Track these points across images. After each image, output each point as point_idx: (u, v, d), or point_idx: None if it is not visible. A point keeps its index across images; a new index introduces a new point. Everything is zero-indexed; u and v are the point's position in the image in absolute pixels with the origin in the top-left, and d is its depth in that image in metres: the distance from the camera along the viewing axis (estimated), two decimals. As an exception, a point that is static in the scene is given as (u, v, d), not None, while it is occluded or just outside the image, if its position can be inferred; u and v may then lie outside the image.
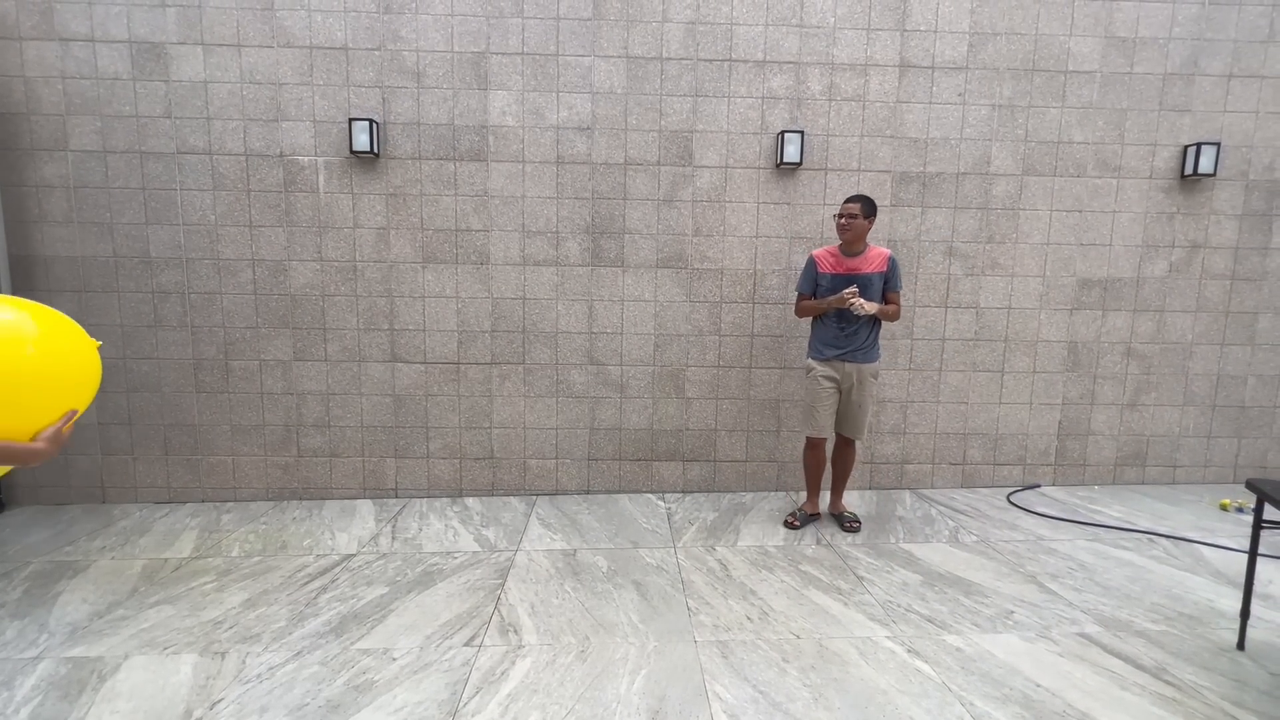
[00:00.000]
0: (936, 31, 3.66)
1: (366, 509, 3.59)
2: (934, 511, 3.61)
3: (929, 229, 3.80)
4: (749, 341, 3.82)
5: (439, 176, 3.60)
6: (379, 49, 3.50)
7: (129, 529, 3.33)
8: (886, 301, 3.22)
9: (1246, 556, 2.28)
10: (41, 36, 3.39)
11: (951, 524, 3.43)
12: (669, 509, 3.64)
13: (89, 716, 1.94)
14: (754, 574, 2.85)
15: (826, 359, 3.26)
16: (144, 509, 3.60)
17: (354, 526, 3.36)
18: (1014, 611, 2.54)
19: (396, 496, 3.75)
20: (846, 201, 3.16)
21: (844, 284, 3.16)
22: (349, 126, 3.47)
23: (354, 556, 3.01)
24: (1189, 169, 3.78)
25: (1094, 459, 4.04)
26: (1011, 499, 3.80)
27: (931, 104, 3.71)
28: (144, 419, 3.65)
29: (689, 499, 3.80)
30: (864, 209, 3.12)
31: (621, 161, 3.65)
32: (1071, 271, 3.89)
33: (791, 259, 3.76)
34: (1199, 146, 3.73)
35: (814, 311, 3.28)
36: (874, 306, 3.10)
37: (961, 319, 3.88)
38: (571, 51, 3.56)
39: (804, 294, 3.33)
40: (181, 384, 3.64)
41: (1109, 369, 3.98)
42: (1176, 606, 2.59)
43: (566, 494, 3.85)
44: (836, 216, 3.18)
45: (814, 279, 3.27)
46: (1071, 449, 4.03)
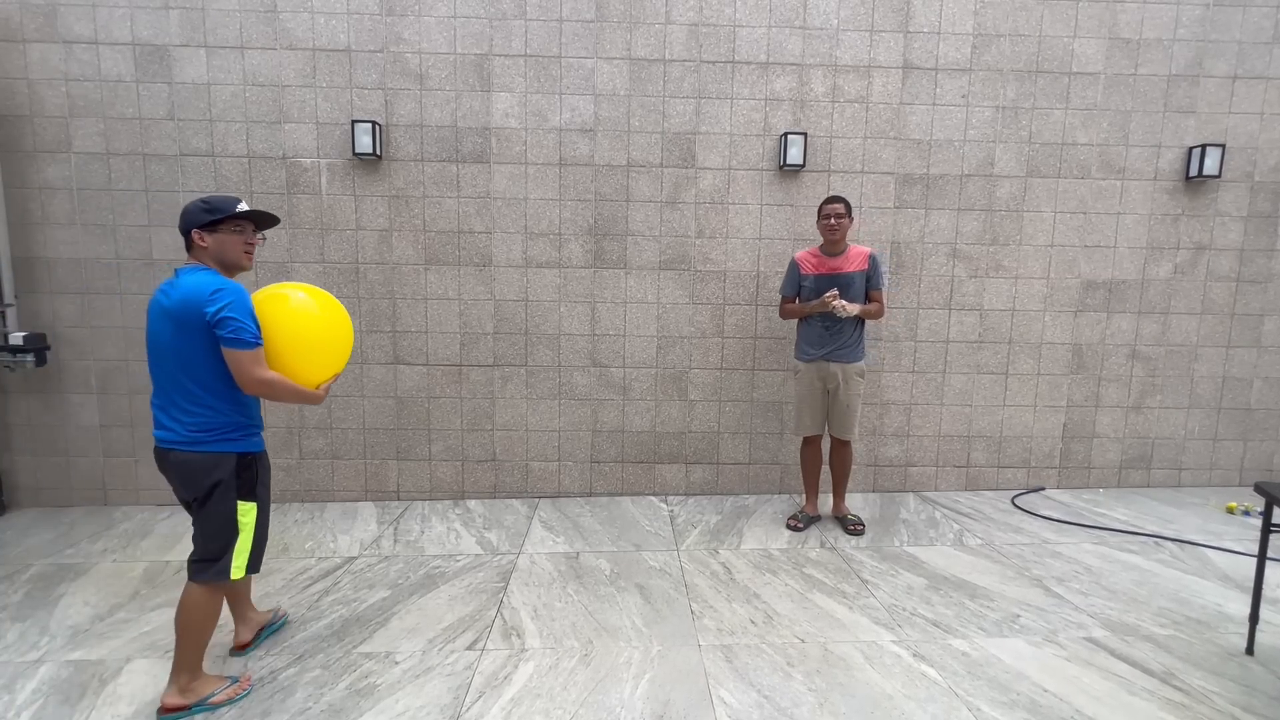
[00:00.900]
0: (940, 33, 3.65)
1: (368, 511, 3.58)
2: (938, 514, 3.59)
3: (932, 231, 3.79)
4: (752, 343, 3.81)
5: (441, 178, 3.60)
6: (382, 51, 3.50)
7: (131, 531, 3.32)
8: (869, 300, 3.22)
9: (1255, 560, 2.26)
10: (45, 39, 3.39)
11: (956, 527, 3.41)
12: (672, 512, 3.62)
13: (90, 720, 1.93)
14: (758, 577, 2.83)
15: (812, 359, 3.27)
16: (146, 511, 3.60)
17: (356, 529, 3.35)
18: (1020, 615, 2.52)
19: (398, 499, 3.74)
20: (829, 203, 3.16)
21: (827, 284, 3.17)
22: (352, 128, 3.47)
23: (356, 559, 3.00)
24: (1194, 170, 3.76)
25: (1099, 462, 4.02)
26: (1016, 502, 3.78)
27: (935, 106, 3.70)
28: (146, 421, 3.64)
29: (692, 501, 3.78)
30: (847, 209, 3.15)
31: (624, 163, 3.64)
32: (1076, 273, 3.87)
33: (795, 261, 3.76)
34: (1204, 148, 3.72)
35: (797, 314, 3.31)
36: (856, 308, 3.11)
37: (965, 321, 3.87)
38: (574, 53, 3.56)
39: (787, 297, 3.36)
40: (184, 386, 3.63)
41: (1114, 371, 3.96)
42: (1184, 610, 2.57)
43: (569, 496, 3.84)
44: (820, 219, 3.20)
45: (797, 281, 3.29)
46: (1076, 452, 4.01)
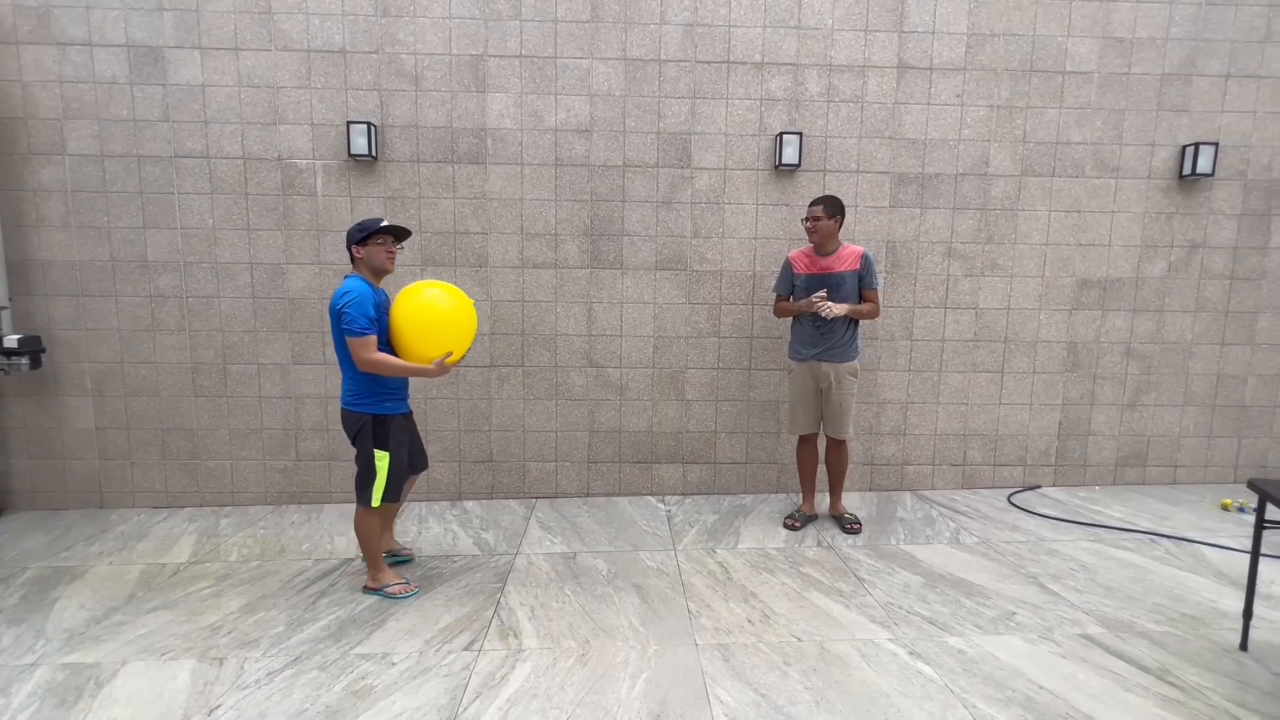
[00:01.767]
0: (934, 33, 3.66)
1: (365, 513, 3.58)
2: (935, 513, 3.60)
3: (928, 230, 3.80)
4: (748, 343, 3.81)
5: (437, 179, 3.60)
6: (377, 52, 3.50)
7: (127, 534, 3.32)
8: (863, 299, 3.22)
9: (1249, 557, 2.27)
10: (39, 41, 3.38)
11: (952, 525, 3.42)
12: (669, 511, 3.63)
13: (86, 723, 1.92)
14: (755, 576, 2.84)
15: (804, 359, 3.28)
16: (142, 514, 3.59)
17: (351, 531, 3.34)
18: (1016, 613, 2.53)
19: (396, 500, 3.73)
20: (810, 205, 3.18)
21: (818, 283, 3.18)
22: (347, 129, 3.46)
23: (353, 561, 3.00)
24: (1187, 169, 3.78)
25: (1094, 459, 4.04)
26: (1012, 500, 3.79)
27: (930, 105, 3.71)
28: (142, 423, 3.64)
29: (689, 501, 3.79)
30: (827, 210, 3.14)
31: (620, 163, 3.65)
32: (1071, 272, 3.89)
33: (790, 260, 3.77)
34: (1197, 146, 3.73)
35: (789, 313, 3.33)
36: (843, 309, 3.11)
37: (961, 320, 3.88)
38: (569, 54, 3.56)
39: (781, 295, 3.39)
40: (179, 388, 3.63)
41: (1109, 369, 3.98)
42: (1179, 607, 2.58)
43: (566, 497, 3.84)
44: (803, 220, 3.21)
45: (790, 280, 3.31)
46: (1072, 450, 4.02)
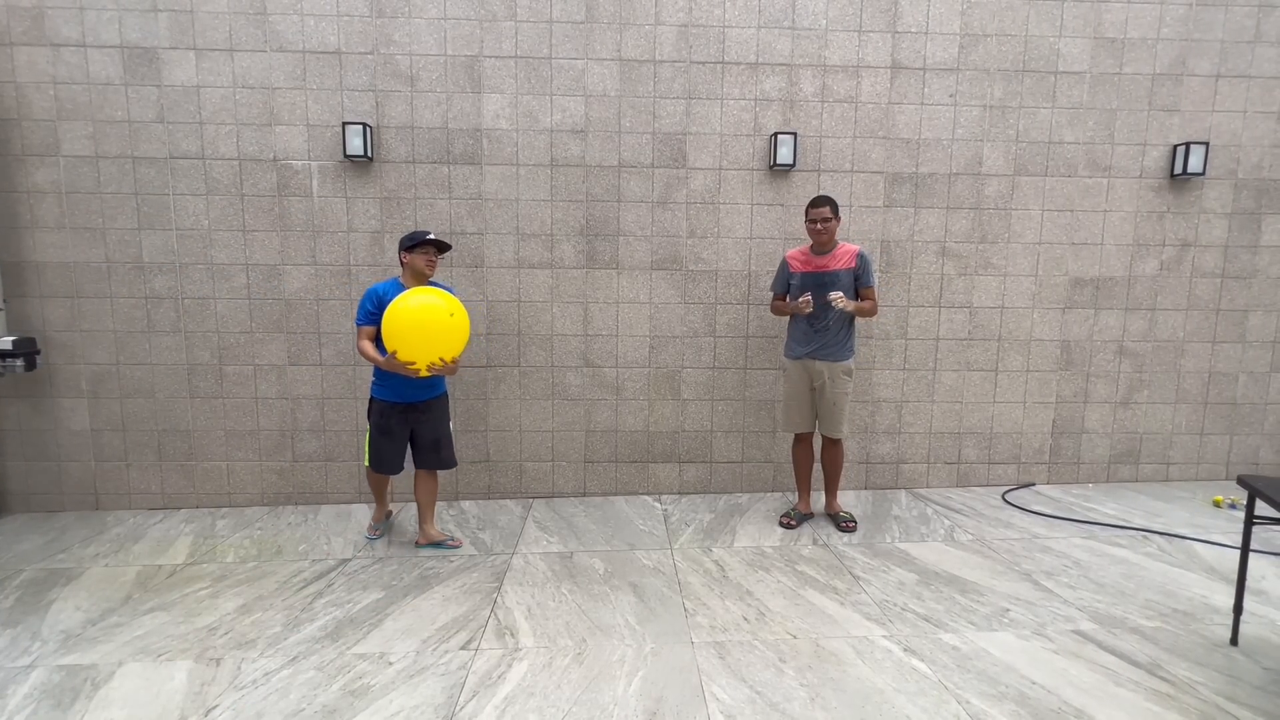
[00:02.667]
0: (927, 33, 3.68)
1: (362, 513, 3.58)
2: (929, 510, 3.62)
3: (922, 229, 3.82)
4: (744, 342, 3.83)
5: (433, 180, 3.60)
6: (372, 53, 3.50)
7: (123, 535, 3.31)
8: (861, 298, 3.27)
9: (1239, 553, 2.29)
10: (33, 42, 3.37)
11: (947, 523, 3.44)
12: (665, 510, 3.64)
13: (83, 724, 1.92)
14: (750, 575, 2.85)
15: (798, 357, 3.31)
16: (138, 515, 3.58)
17: (349, 531, 3.35)
18: (1010, 609, 2.55)
19: (392, 500, 3.73)
20: (815, 206, 3.20)
21: (814, 281, 3.21)
22: (342, 130, 3.46)
23: (349, 561, 3.00)
24: (1178, 168, 3.81)
25: (1088, 457, 4.06)
26: (1006, 497, 3.81)
27: (923, 105, 3.73)
28: (137, 425, 3.63)
29: (685, 500, 3.80)
30: (833, 210, 3.18)
31: (615, 164, 3.66)
32: (1063, 270, 3.91)
33: (786, 260, 3.78)
34: (1188, 146, 3.76)
35: (784, 312, 3.37)
36: (853, 304, 3.17)
37: (955, 319, 3.90)
38: (564, 54, 3.57)
39: (778, 294, 3.42)
40: (175, 389, 3.62)
41: (1102, 367, 4.00)
42: (1170, 603, 2.60)
43: (563, 496, 3.85)
44: (808, 222, 3.23)
45: (786, 279, 3.34)
46: (1065, 447, 4.05)
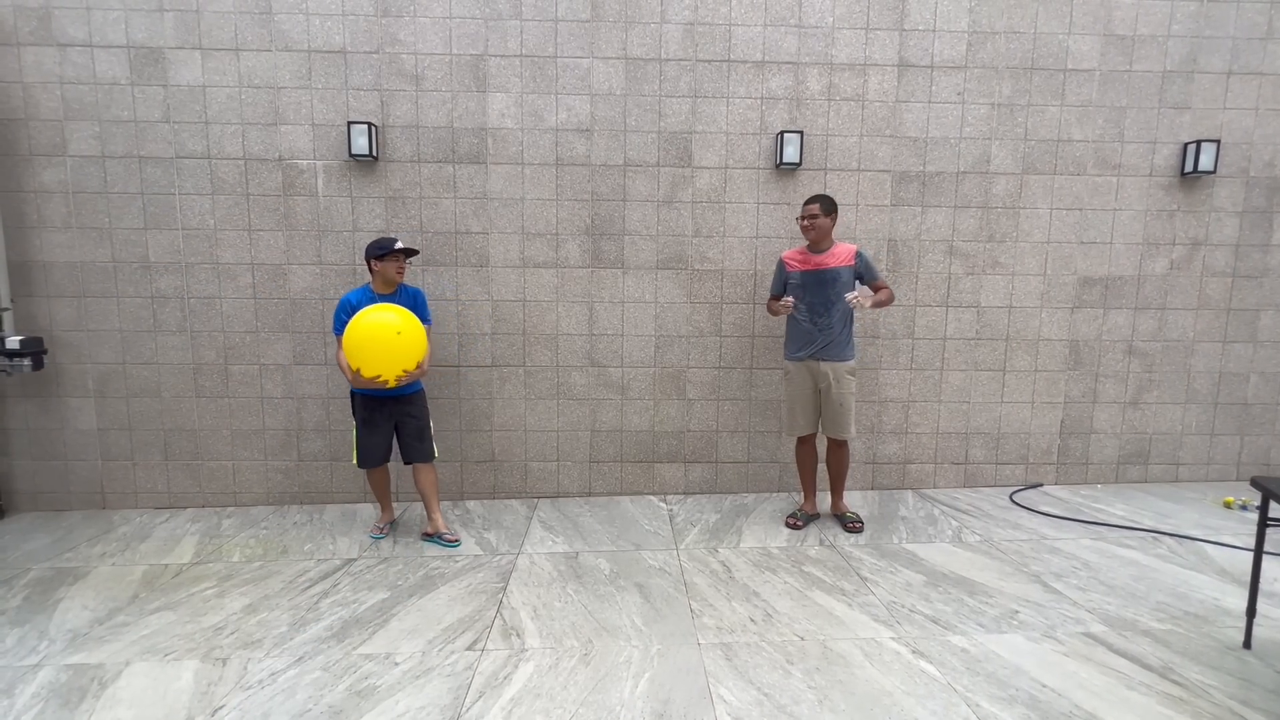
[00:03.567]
0: (935, 31, 3.65)
1: (368, 513, 3.58)
2: (937, 511, 3.60)
3: (929, 228, 3.79)
4: (750, 342, 3.81)
5: (438, 179, 3.60)
6: (377, 52, 3.50)
7: (129, 535, 3.32)
8: (874, 290, 3.26)
9: (1252, 554, 2.26)
10: (40, 42, 3.38)
11: (954, 524, 3.42)
12: (671, 511, 3.63)
13: (90, 724, 1.93)
14: (757, 575, 2.84)
15: (800, 359, 3.29)
16: (144, 514, 3.59)
17: (355, 531, 3.35)
18: (1019, 611, 2.53)
19: (398, 500, 3.73)
20: (807, 203, 3.19)
21: (813, 280, 3.20)
22: (348, 130, 3.46)
23: (355, 561, 3.00)
24: (1189, 166, 3.77)
25: (1096, 458, 4.03)
26: (1014, 498, 3.79)
27: (931, 103, 3.70)
28: (144, 424, 3.64)
29: (691, 500, 3.78)
30: (823, 208, 3.16)
31: (621, 163, 3.64)
32: (1072, 270, 3.88)
33: (792, 259, 3.76)
34: (1199, 144, 3.73)
35: (776, 312, 3.32)
36: (871, 298, 3.16)
37: (963, 318, 3.88)
38: (570, 53, 3.56)
39: (775, 295, 3.40)
40: (181, 389, 3.63)
41: (1111, 367, 3.97)
42: (1182, 605, 2.58)
43: (568, 496, 3.84)
44: (799, 219, 3.22)
45: (783, 279, 3.32)
46: (1074, 448, 4.02)
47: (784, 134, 3.60)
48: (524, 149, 3.60)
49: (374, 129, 3.47)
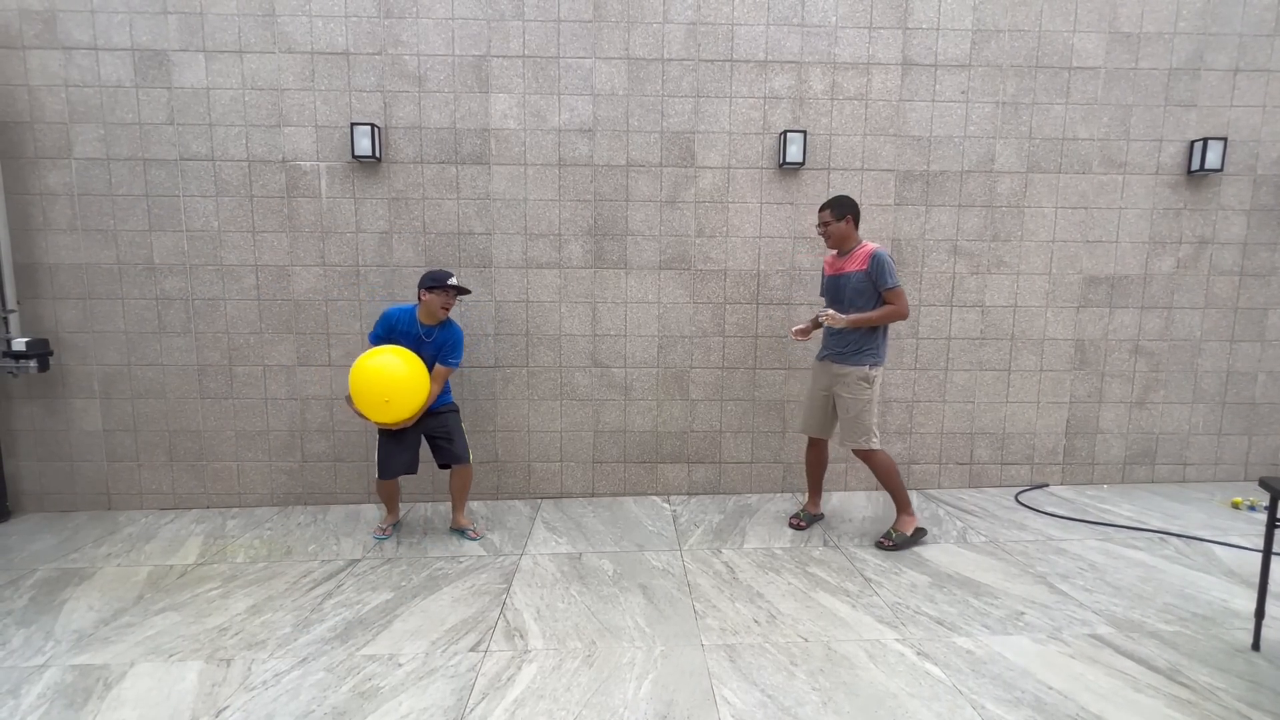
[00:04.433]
0: (939, 29, 3.64)
1: (371, 514, 3.59)
2: (941, 512, 3.58)
3: (933, 228, 3.78)
4: (753, 342, 3.80)
5: (441, 180, 3.60)
6: (380, 53, 3.51)
7: (134, 535, 3.33)
8: (882, 302, 3.01)
9: (1260, 555, 2.24)
10: (44, 45, 3.40)
11: (959, 524, 3.40)
12: (674, 511, 3.62)
13: (95, 725, 1.93)
14: (761, 576, 2.83)
15: (820, 358, 3.30)
16: (149, 515, 3.61)
17: (359, 531, 3.36)
18: (1024, 613, 2.52)
19: (401, 501, 3.74)
20: (819, 209, 3.15)
21: (832, 284, 3.19)
22: (351, 131, 3.47)
23: (359, 562, 3.00)
24: (1195, 164, 3.74)
25: (1103, 458, 4.01)
26: (1020, 499, 3.77)
27: (935, 102, 3.69)
28: (149, 425, 3.66)
29: (694, 501, 3.78)
30: (834, 212, 3.07)
31: (623, 163, 3.64)
32: (1078, 269, 3.86)
33: (795, 259, 3.75)
34: (1205, 142, 3.70)
35: (814, 326, 3.28)
36: (842, 320, 2.97)
37: (967, 318, 3.86)
38: (572, 53, 3.56)
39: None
40: (186, 390, 3.64)
41: (1117, 367, 3.95)
42: (1189, 607, 2.55)
43: (571, 497, 3.84)
44: (816, 227, 3.22)
45: (822, 282, 3.33)
46: (1080, 448, 3.99)
47: (787, 133, 3.59)
48: (527, 149, 3.60)
49: (377, 130, 3.48)
